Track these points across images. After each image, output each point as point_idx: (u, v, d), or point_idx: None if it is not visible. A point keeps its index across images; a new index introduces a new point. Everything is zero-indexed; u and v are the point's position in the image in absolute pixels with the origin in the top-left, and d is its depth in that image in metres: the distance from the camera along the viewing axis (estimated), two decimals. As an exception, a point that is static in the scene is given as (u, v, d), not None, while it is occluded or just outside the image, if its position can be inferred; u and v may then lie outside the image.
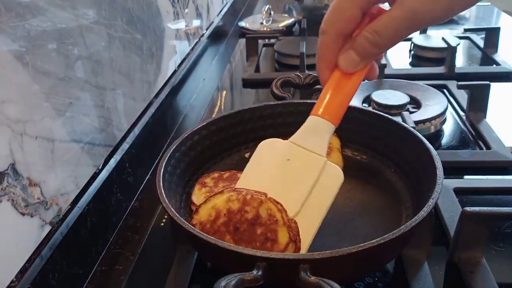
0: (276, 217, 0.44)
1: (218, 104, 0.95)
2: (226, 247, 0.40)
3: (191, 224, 0.47)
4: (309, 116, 0.49)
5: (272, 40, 1.19)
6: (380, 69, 0.72)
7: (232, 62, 1.18)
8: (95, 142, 0.58)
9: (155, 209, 0.63)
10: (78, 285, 0.52)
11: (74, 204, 0.52)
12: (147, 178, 0.71)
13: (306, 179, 0.47)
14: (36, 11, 0.47)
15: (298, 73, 0.66)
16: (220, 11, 1.36)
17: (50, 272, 0.47)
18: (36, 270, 0.45)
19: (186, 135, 0.58)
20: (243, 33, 1.29)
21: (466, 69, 1.00)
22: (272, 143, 0.51)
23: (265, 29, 1.34)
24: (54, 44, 0.50)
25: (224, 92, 1.01)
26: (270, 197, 0.45)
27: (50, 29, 0.49)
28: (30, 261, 0.45)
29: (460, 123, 0.79)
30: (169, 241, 0.56)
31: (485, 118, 0.78)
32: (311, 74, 0.66)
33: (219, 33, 1.29)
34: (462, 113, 0.81)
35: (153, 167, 0.73)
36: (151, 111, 0.75)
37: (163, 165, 0.51)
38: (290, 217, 0.45)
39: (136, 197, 0.67)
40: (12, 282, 0.42)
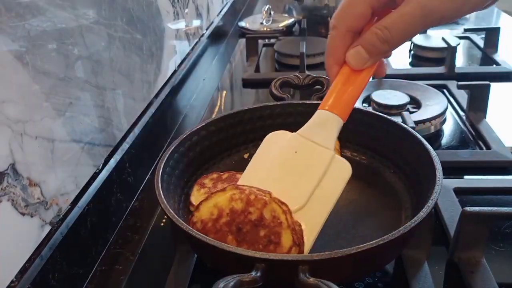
0: (280, 219, 0.43)
1: (218, 104, 0.95)
2: (225, 248, 0.40)
3: (192, 222, 0.46)
4: (317, 110, 0.49)
5: (272, 40, 1.19)
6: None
7: (232, 62, 1.18)
8: (95, 142, 0.58)
9: (155, 209, 0.63)
10: (78, 285, 0.52)
11: (74, 204, 0.52)
12: (147, 178, 0.71)
13: (314, 172, 0.47)
14: (36, 11, 0.47)
15: (297, 74, 0.66)
16: (220, 11, 1.36)
17: (50, 272, 0.47)
18: (36, 270, 0.45)
19: (185, 136, 0.57)
20: (243, 33, 1.29)
21: (466, 69, 1.00)
22: (280, 135, 0.51)
23: (265, 29, 1.34)
24: (54, 44, 0.50)
25: (224, 92, 1.01)
26: (275, 198, 0.44)
27: (50, 29, 0.49)
28: (30, 261, 0.45)
29: (460, 123, 0.79)
30: (169, 241, 0.56)
31: (485, 118, 0.78)
32: (310, 75, 0.65)
33: (219, 33, 1.29)
34: (462, 113, 0.81)
35: (153, 167, 0.73)
36: (151, 111, 0.75)
37: (162, 166, 0.51)
38: (295, 220, 0.44)
39: (136, 197, 0.67)
40: (12, 282, 0.42)
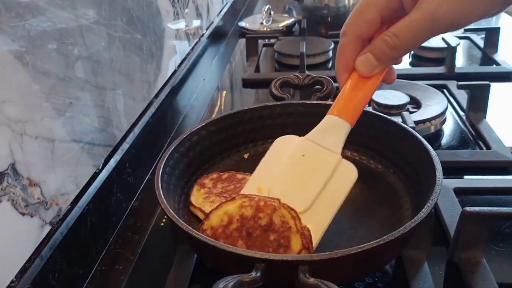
0: (290, 224, 0.44)
1: (218, 104, 0.95)
2: (225, 249, 0.40)
3: (202, 229, 0.46)
4: (326, 115, 0.50)
5: (272, 40, 1.19)
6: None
7: (232, 62, 1.18)
8: (95, 142, 0.58)
9: (155, 209, 0.63)
10: (78, 285, 0.52)
11: (74, 204, 0.52)
12: (147, 178, 0.71)
13: (320, 175, 0.48)
14: (36, 11, 0.47)
15: (297, 74, 0.66)
16: (220, 11, 1.36)
17: (50, 272, 0.47)
18: (36, 270, 0.45)
19: (185, 136, 0.57)
20: (243, 33, 1.29)
21: (466, 69, 1.00)
22: (289, 139, 0.53)
23: (265, 29, 1.34)
24: (54, 44, 0.50)
25: (224, 92, 1.01)
26: (284, 203, 0.45)
27: (50, 29, 0.49)
28: (30, 261, 0.45)
29: (460, 123, 0.79)
30: (169, 241, 0.56)
31: (485, 118, 0.78)
32: (310, 75, 0.65)
33: (219, 33, 1.29)
34: (462, 113, 0.81)
35: (153, 167, 0.73)
36: (151, 111, 0.75)
37: (162, 166, 0.51)
38: (304, 225, 0.45)
39: (136, 197, 0.67)
40: (12, 282, 0.42)
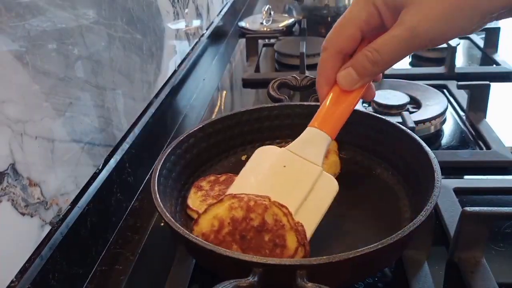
0: (283, 222, 0.43)
1: (218, 104, 0.95)
2: (222, 253, 0.39)
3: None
4: (307, 127, 0.50)
5: (272, 40, 1.19)
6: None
7: (232, 62, 1.18)
8: (95, 142, 0.58)
9: (155, 209, 0.63)
10: (78, 285, 0.52)
11: (74, 204, 0.52)
12: (147, 178, 0.71)
13: (301, 186, 0.47)
14: (36, 11, 0.47)
15: (295, 75, 0.66)
16: (220, 11, 1.36)
17: (50, 272, 0.47)
18: (36, 270, 0.45)
19: (182, 138, 0.57)
20: (243, 33, 1.29)
21: (466, 69, 1.00)
22: (270, 150, 0.52)
23: (265, 29, 1.34)
24: (54, 44, 0.50)
25: (224, 92, 1.01)
26: (274, 201, 0.44)
27: (50, 29, 0.49)
28: (30, 261, 0.45)
29: (460, 123, 0.79)
30: (169, 241, 0.56)
31: (485, 118, 0.78)
32: (308, 76, 0.65)
33: (219, 33, 1.29)
34: (462, 113, 0.81)
35: (153, 167, 0.73)
36: (151, 111, 0.75)
37: (158, 169, 0.51)
38: (296, 220, 0.44)
39: (136, 197, 0.67)
40: (12, 282, 0.42)
